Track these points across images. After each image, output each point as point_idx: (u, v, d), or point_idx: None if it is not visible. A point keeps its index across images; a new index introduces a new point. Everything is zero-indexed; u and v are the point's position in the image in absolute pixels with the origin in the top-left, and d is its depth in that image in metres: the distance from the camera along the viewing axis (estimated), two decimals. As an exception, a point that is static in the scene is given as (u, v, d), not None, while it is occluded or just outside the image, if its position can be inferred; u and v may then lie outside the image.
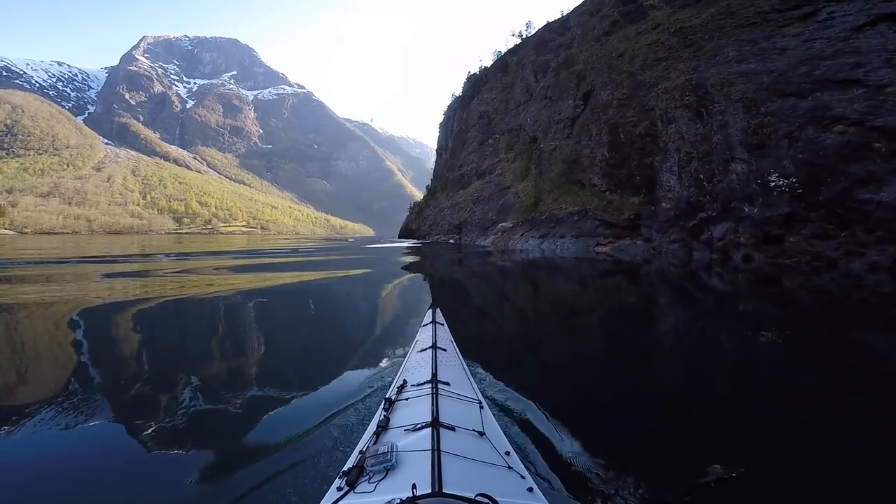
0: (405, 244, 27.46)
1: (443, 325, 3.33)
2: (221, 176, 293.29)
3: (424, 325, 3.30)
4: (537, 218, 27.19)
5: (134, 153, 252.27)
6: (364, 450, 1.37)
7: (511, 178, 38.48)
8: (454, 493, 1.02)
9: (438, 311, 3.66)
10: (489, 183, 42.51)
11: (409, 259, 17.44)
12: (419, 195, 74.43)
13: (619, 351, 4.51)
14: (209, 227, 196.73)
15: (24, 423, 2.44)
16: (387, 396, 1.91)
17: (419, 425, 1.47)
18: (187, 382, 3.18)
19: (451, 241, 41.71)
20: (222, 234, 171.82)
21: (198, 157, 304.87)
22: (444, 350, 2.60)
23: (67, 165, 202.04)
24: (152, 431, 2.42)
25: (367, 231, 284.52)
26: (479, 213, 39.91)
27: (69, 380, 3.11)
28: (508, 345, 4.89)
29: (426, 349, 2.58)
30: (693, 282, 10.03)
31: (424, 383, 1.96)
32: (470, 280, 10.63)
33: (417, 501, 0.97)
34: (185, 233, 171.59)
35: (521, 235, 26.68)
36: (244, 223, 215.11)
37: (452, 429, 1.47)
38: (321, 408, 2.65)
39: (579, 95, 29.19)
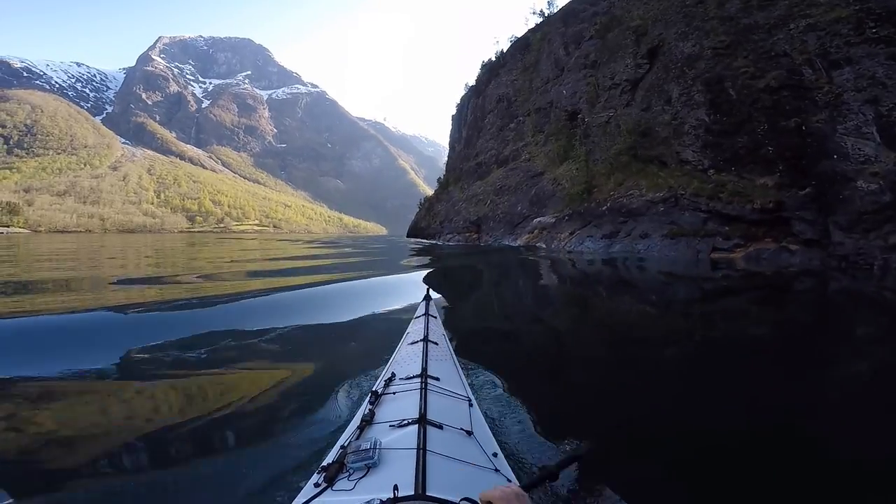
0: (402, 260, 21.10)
1: (436, 317, 3.12)
2: (236, 175, 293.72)
3: (417, 317, 3.12)
4: (593, 210, 20.45)
5: (150, 152, 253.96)
6: (346, 444, 1.29)
7: (543, 163, 31.89)
8: (438, 496, 0.95)
9: (432, 303, 3.39)
10: (515, 170, 35.87)
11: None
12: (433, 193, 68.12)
13: (658, 367, 3.73)
14: (221, 225, 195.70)
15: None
16: (373, 389, 1.81)
17: (405, 421, 1.40)
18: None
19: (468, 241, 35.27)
20: (234, 232, 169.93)
21: (213, 156, 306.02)
22: (436, 344, 2.47)
23: (84, 165, 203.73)
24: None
25: (381, 230, 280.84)
26: (503, 206, 33.31)
27: None
28: (503, 342, 4.70)
29: (417, 342, 2.45)
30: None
31: (413, 377, 1.86)
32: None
33: (399, 503, 0.91)
34: (198, 231, 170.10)
35: (571, 234, 19.95)
36: (256, 221, 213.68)
37: (440, 427, 1.39)
38: (303, 399, 2.52)
39: (641, 53, 22.63)
